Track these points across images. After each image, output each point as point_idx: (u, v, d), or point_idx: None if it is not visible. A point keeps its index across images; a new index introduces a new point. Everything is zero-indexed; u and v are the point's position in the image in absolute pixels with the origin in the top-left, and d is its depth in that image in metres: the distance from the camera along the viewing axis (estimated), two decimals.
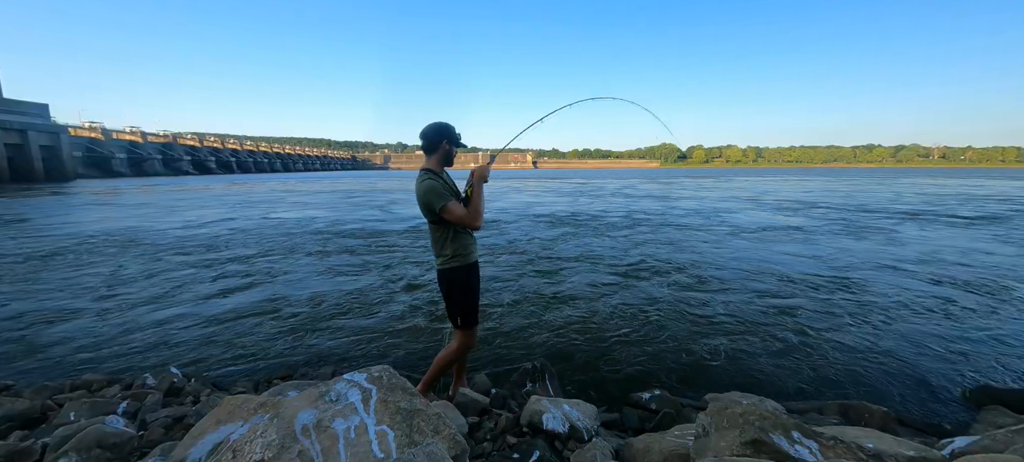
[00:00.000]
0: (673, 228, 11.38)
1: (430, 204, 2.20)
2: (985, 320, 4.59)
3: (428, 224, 2.36)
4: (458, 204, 2.23)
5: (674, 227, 11.58)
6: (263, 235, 10.58)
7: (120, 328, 4.55)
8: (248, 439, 1.59)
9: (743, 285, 5.95)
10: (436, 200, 2.18)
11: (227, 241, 9.76)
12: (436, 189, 2.19)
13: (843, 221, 12.44)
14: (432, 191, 2.19)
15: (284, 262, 7.62)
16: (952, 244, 8.85)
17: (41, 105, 46.85)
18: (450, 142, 2.33)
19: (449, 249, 2.30)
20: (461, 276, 2.35)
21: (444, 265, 2.34)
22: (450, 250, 2.30)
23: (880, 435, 2.07)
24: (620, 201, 19.71)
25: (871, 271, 6.68)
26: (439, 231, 2.30)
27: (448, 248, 2.30)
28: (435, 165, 2.33)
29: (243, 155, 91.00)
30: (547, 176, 62.27)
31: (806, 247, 8.70)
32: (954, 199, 19.14)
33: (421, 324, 4.60)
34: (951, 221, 12.26)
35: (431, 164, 2.32)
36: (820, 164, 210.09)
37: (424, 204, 2.24)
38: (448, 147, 2.34)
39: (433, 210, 2.21)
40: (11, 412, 2.54)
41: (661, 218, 13.36)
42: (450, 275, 2.33)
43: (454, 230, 2.31)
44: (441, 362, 2.49)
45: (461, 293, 2.37)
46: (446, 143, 2.32)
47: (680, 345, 4.05)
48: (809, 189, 27.09)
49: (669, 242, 9.38)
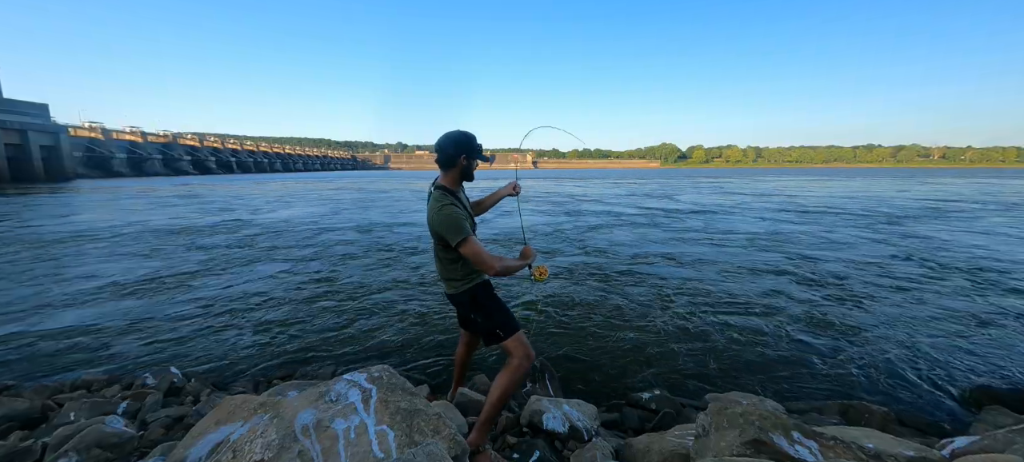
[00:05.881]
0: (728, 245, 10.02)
1: (446, 238, 1.93)
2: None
3: (435, 245, 2.09)
4: (477, 242, 1.95)
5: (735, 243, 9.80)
6: (263, 235, 10.59)
7: (120, 328, 4.54)
8: (248, 439, 1.59)
9: (745, 285, 5.96)
10: (453, 235, 1.90)
11: (228, 241, 9.77)
12: (456, 222, 1.90)
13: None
14: (451, 224, 1.90)
15: (285, 262, 7.62)
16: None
17: (41, 105, 46.88)
18: (469, 157, 2.03)
19: (461, 270, 2.07)
20: (484, 291, 2.14)
21: (464, 287, 2.09)
22: (462, 271, 2.07)
23: (880, 435, 2.07)
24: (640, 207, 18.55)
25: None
26: (450, 253, 2.02)
27: (461, 270, 2.07)
28: (451, 183, 2.04)
29: (243, 155, 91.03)
30: (547, 176, 62.28)
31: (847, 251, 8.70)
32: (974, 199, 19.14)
33: (421, 324, 4.59)
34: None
35: (446, 182, 2.03)
36: (820, 164, 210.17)
37: (438, 234, 1.98)
38: (466, 162, 2.03)
39: (448, 245, 1.95)
40: (11, 412, 2.54)
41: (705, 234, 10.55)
42: (474, 292, 2.10)
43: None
44: (507, 389, 1.99)
45: (491, 303, 2.13)
46: (464, 158, 2.01)
47: (680, 345, 4.05)
48: (832, 190, 26.34)
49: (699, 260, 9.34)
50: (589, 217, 13.93)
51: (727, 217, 13.63)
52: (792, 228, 11.23)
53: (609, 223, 12.53)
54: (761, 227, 11.46)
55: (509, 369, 2.00)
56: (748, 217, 13.61)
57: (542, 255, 7.99)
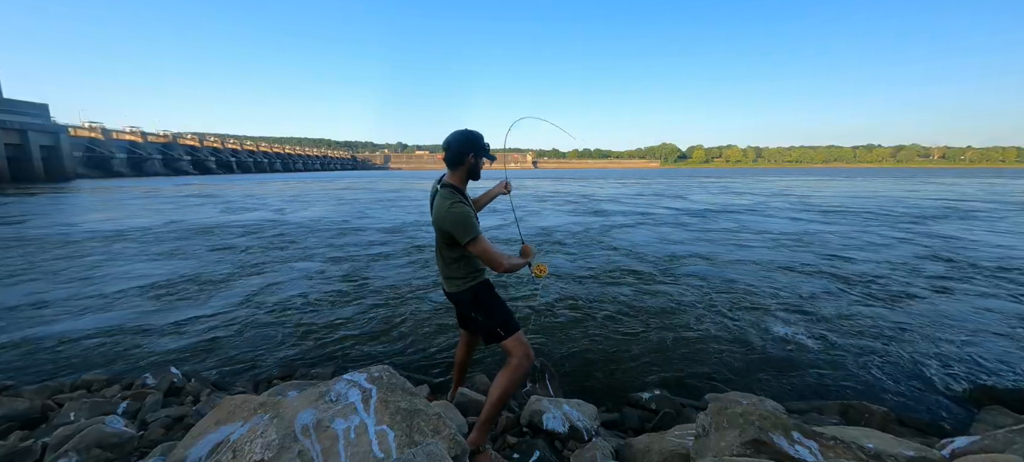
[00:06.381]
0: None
1: (456, 236, 1.93)
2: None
3: (438, 242, 2.10)
4: (486, 240, 1.97)
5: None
6: (264, 235, 10.59)
7: (120, 327, 4.55)
8: (248, 439, 1.59)
9: (745, 285, 5.95)
10: (464, 233, 1.91)
11: (229, 240, 9.77)
12: (468, 220, 1.92)
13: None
14: (463, 222, 1.91)
15: (285, 262, 7.62)
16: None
17: (41, 105, 46.86)
18: (477, 155, 2.05)
19: (464, 268, 2.09)
20: (486, 289, 2.15)
21: (466, 284, 2.10)
22: (465, 269, 2.10)
23: (880, 435, 2.07)
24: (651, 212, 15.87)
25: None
26: (455, 251, 2.05)
27: (463, 267, 2.09)
28: (458, 181, 2.06)
29: (243, 155, 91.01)
30: (547, 176, 62.27)
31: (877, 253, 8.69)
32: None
33: (422, 324, 4.59)
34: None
35: (454, 180, 2.05)
36: (820, 164, 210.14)
37: (446, 232, 1.98)
38: (474, 161, 2.05)
39: (454, 243, 1.98)
40: (11, 412, 2.54)
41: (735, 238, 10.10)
42: (476, 290, 2.11)
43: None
44: (507, 389, 1.99)
45: (492, 302, 2.14)
46: (472, 157, 2.03)
47: (680, 345, 4.05)
48: (840, 190, 26.16)
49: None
50: (615, 217, 13.87)
51: (752, 217, 13.45)
52: (819, 228, 11.07)
53: (633, 223, 12.50)
54: (787, 227, 11.31)
55: (509, 369, 2.00)
56: (773, 217, 13.39)
57: (560, 257, 7.99)
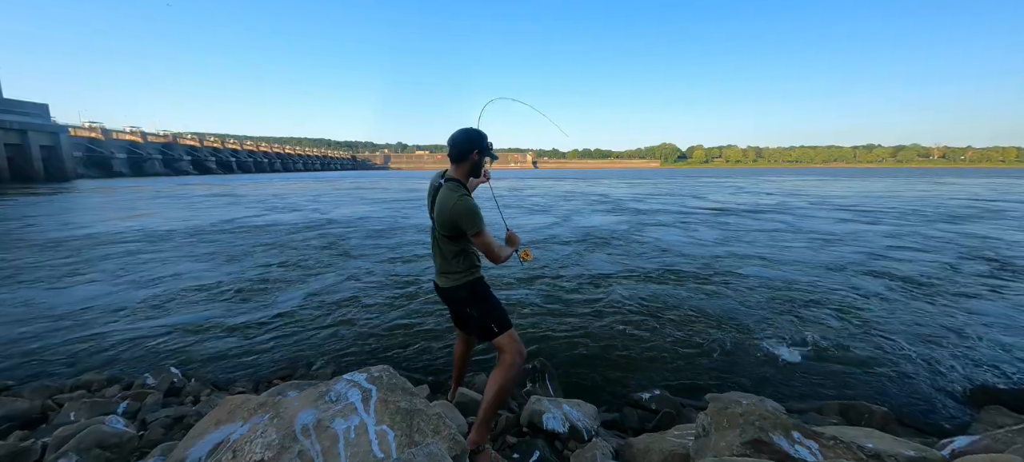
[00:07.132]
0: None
1: (463, 228, 1.98)
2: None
3: (438, 236, 2.12)
4: (490, 234, 2.03)
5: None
6: (265, 234, 10.59)
7: (120, 327, 4.54)
8: (248, 439, 1.59)
9: (746, 286, 5.95)
10: (472, 225, 1.96)
11: (230, 240, 9.77)
12: (475, 213, 1.96)
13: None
14: (471, 215, 1.95)
15: (285, 262, 7.62)
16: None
17: (41, 105, 46.86)
18: (481, 153, 2.13)
19: (463, 263, 2.12)
20: (482, 285, 2.19)
21: (464, 279, 2.13)
22: (464, 264, 2.13)
23: (880, 435, 2.07)
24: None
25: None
26: (456, 245, 2.09)
27: (463, 262, 2.12)
28: (462, 176, 2.12)
29: (243, 155, 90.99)
30: (548, 176, 62.27)
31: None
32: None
33: (422, 324, 4.59)
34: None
35: (458, 174, 2.11)
36: (820, 164, 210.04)
37: (451, 223, 2.00)
38: (478, 158, 2.12)
39: (455, 237, 2.04)
40: (11, 412, 2.55)
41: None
42: (473, 285, 2.15)
43: (470, 244, 2.12)
44: (504, 387, 2.02)
45: (488, 298, 2.18)
46: (476, 153, 2.11)
47: (680, 345, 4.05)
48: (851, 190, 26.09)
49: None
50: (645, 216, 13.85)
51: (787, 217, 13.33)
52: (858, 228, 10.88)
53: (670, 221, 12.51)
54: (831, 227, 11.14)
55: (503, 366, 2.03)
56: (814, 218, 13.22)
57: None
